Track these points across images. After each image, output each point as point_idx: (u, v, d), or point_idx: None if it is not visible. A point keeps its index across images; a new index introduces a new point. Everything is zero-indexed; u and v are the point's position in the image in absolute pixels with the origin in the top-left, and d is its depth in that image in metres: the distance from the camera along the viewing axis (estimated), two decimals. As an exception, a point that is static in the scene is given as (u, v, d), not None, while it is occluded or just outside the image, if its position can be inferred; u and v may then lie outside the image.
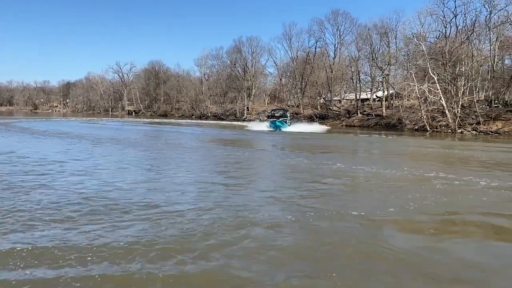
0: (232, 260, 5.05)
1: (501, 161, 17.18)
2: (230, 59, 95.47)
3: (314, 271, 4.85)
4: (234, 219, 6.76)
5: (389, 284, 4.58)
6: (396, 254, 5.42)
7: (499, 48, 48.37)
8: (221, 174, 12.05)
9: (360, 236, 6.14)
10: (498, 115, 41.49)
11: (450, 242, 6.03)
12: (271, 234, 6.10)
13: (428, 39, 51.83)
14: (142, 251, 5.23)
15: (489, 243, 6.14)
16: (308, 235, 6.15)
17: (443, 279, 4.73)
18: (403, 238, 6.21)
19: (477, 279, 4.79)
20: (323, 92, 73.05)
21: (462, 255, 5.53)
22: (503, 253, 5.70)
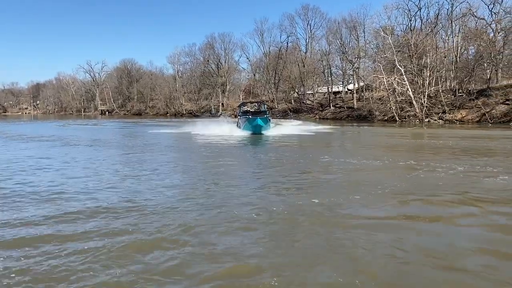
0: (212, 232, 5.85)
1: (467, 147, 18.58)
2: (203, 55, 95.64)
3: (282, 240, 5.72)
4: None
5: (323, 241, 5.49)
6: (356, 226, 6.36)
7: (462, 39, 50.53)
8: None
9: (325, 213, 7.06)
10: (462, 103, 43.52)
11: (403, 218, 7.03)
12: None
13: (395, 32, 53.67)
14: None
15: (443, 220, 7.16)
16: (278, 218, 7.03)
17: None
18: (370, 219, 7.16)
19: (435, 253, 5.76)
20: (297, 86, 74.31)
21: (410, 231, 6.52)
22: (465, 232, 6.71)
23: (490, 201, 7.90)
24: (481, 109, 41.04)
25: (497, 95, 41.40)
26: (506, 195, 8.44)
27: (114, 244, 5.62)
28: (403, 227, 6.49)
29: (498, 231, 6.29)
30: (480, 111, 41.10)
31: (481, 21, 49.65)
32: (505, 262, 5.07)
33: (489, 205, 7.66)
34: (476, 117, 41.15)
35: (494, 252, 5.38)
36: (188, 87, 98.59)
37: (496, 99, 41.04)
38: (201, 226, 6.43)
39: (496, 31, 47.49)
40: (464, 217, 7.08)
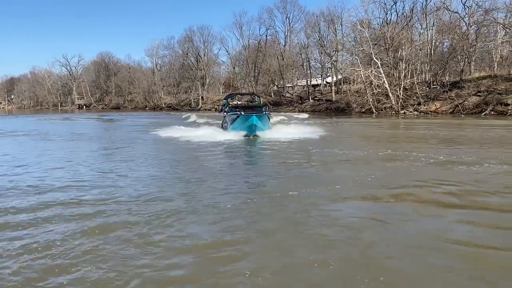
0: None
1: (444, 137, 19.32)
2: (182, 48, 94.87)
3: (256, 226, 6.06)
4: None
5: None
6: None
7: (436, 32, 51.72)
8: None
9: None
10: (436, 95, 44.72)
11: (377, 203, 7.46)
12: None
13: (372, 26, 54.49)
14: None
15: (418, 207, 7.62)
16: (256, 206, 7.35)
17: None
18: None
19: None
20: (276, 80, 74.67)
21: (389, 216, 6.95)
22: (442, 214, 7.16)
23: (476, 192, 8.30)
24: (454, 101, 42.28)
25: (470, 87, 42.67)
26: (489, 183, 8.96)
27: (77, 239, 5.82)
28: (381, 216, 6.90)
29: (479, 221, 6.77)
30: (453, 103, 42.32)
31: (455, 14, 50.86)
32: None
33: (476, 195, 8.10)
34: (450, 109, 42.37)
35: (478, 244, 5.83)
36: (167, 80, 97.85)
37: (469, 91, 42.30)
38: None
39: (469, 25, 48.78)
40: (441, 206, 7.56)
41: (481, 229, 5.91)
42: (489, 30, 48.27)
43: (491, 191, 7.99)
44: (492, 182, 8.74)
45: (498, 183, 8.63)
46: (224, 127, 22.51)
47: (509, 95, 38.37)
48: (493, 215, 6.57)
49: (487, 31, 48.55)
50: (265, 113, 20.09)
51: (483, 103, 39.77)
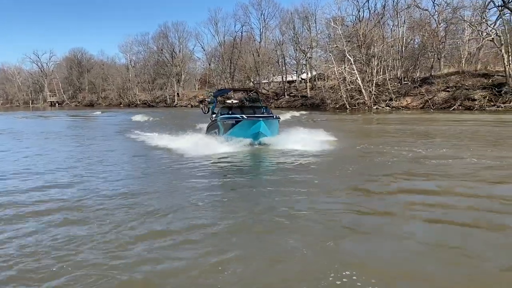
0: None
1: (419, 132, 20.09)
2: (157, 44, 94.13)
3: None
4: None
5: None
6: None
7: (408, 29, 53.09)
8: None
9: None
10: (407, 91, 45.99)
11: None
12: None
13: (345, 23, 55.39)
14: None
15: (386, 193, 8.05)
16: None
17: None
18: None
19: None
20: (252, 76, 75.03)
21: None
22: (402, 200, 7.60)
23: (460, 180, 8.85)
24: (424, 96, 43.57)
25: (439, 83, 44.05)
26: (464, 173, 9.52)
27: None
28: (357, 208, 7.29)
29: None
30: (423, 98, 43.61)
31: (425, 12, 52.35)
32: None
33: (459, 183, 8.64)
34: (420, 104, 43.66)
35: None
36: (141, 77, 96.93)
37: (438, 87, 43.66)
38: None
39: (438, 22, 50.25)
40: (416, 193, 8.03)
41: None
42: (457, 27, 49.88)
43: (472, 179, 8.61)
44: (473, 174, 9.39)
45: (473, 174, 9.31)
46: (213, 133, 16.43)
47: (475, 90, 39.81)
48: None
49: (456, 29, 50.18)
50: (275, 116, 15.00)
51: (451, 98, 41.14)
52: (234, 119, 14.62)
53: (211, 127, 17.26)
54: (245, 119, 14.04)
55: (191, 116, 42.20)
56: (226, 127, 15.09)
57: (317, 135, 16.11)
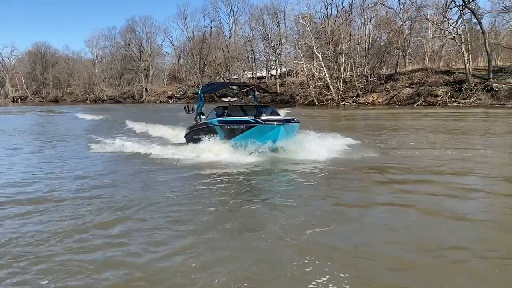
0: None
1: (387, 126, 20.74)
2: (124, 39, 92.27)
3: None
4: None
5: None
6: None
7: (374, 27, 54.31)
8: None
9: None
10: (374, 87, 47.16)
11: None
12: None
13: (313, 20, 56.08)
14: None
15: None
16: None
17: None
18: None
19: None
20: (222, 72, 74.82)
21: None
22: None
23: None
24: (389, 93, 44.84)
25: (404, 80, 45.41)
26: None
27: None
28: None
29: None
30: (389, 94, 44.87)
31: (391, 10, 53.76)
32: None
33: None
34: (386, 100, 44.87)
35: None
36: (108, 72, 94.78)
37: (403, 83, 45.00)
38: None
39: (403, 20, 51.70)
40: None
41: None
42: (421, 26, 51.46)
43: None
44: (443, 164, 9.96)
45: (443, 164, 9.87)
46: (203, 139, 13.19)
47: (438, 87, 41.33)
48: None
49: (420, 27, 51.75)
50: (295, 120, 12.01)
51: (415, 95, 42.53)
52: (245, 124, 11.81)
53: (200, 131, 13.95)
54: (261, 123, 11.38)
55: (161, 112, 41.87)
56: (231, 132, 12.34)
57: (329, 138, 13.40)
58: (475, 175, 9.10)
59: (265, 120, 11.69)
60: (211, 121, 13.28)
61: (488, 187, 7.93)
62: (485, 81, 39.25)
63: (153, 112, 43.57)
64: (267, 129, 11.31)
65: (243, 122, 11.98)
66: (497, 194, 7.52)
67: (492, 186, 8.08)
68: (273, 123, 11.36)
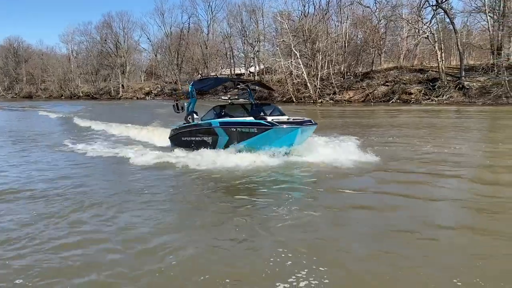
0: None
1: (365, 124, 21.13)
2: (100, 35, 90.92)
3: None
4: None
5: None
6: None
7: (351, 25, 55.03)
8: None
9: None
10: (350, 85, 47.87)
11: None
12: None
13: (291, 18, 56.47)
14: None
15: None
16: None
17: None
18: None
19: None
20: (200, 68, 74.52)
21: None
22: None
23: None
24: (365, 90, 45.63)
25: (379, 77, 46.28)
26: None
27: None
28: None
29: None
30: (365, 92, 45.65)
31: (367, 9, 54.58)
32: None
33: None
34: (362, 97, 45.63)
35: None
36: (84, 68, 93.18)
37: (378, 81, 45.86)
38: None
39: (379, 19, 52.59)
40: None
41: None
42: (397, 25, 52.47)
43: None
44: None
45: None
46: (198, 142, 12.37)
47: (412, 85, 42.27)
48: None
49: (395, 26, 52.77)
50: (313, 122, 10.82)
51: (390, 92, 43.41)
52: (256, 126, 10.61)
53: (194, 133, 12.65)
54: (277, 126, 10.18)
55: (139, 109, 41.48)
56: (239, 135, 11.09)
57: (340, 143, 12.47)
58: (450, 166, 9.84)
59: (283, 122, 10.41)
60: (211, 121, 11.88)
61: (461, 176, 8.87)
62: (457, 80, 40.32)
63: (129, 109, 43.12)
64: (283, 132, 10.25)
65: (254, 124, 10.70)
66: (470, 180, 8.54)
67: (464, 175, 9.00)
68: (291, 125, 10.27)
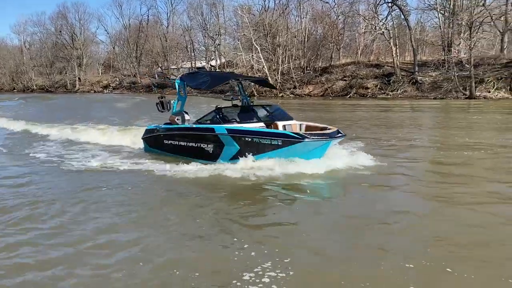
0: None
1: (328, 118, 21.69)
2: (55, 26, 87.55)
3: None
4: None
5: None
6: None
7: (310, 20, 55.89)
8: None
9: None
10: (310, 80, 48.84)
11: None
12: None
13: (252, 12, 56.68)
14: None
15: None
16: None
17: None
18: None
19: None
20: (160, 61, 73.39)
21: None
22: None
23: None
24: (324, 85, 46.67)
25: (337, 72, 47.49)
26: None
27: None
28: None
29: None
30: (324, 86, 46.72)
31: (326, 4, 55.58)
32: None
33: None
34: (321, 92, 46.67)
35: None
36: (38, 60, 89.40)
37: (336, 76, 47.06)
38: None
39: (338, 15, 53.72)
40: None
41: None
42: (354, 20, 53.80)
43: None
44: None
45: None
46: (182, 148, 11.07)
47: (368, 80, 43.70)
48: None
49: (353, 22, 54.07)
50: (342, 133, 9.62)
51: (348, 87, 44.67)
52: (281, 138, 9.17)
53: (187, 138, 10.93)
54: (308, 139, 8.94)
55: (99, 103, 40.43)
56: (253, 146, 9.47)
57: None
58: (406, 158, 10.62)
59: (314, 134, 9.26)
60: (214, 127, 10.06)
61: (416, 167, 9.64)
62: (411, 75, 42.03)
63: (87, 104, 42.01)
64: (314, 145, 9.18)
65: (278, 135, 9.30)
66: (424, 170, 9.51)
67: (419, 166, 9.83)
68: (321, 137, 9.18)
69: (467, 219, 6.11)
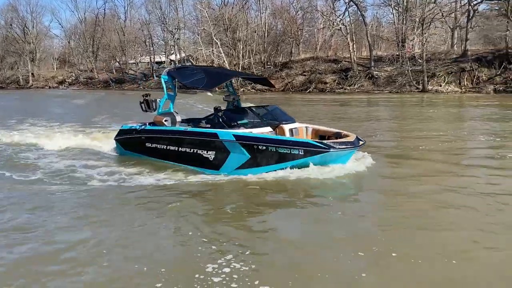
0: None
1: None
2: (5, 18, 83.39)
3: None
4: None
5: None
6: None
7: (270, 16, 56.31)
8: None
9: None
10: (270, 75, 49.09)
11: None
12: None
13: (211, 6, 56.42)
14: None
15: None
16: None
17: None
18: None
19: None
20: (118, 56, 71.65)
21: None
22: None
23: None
24: (285, 80, 47.30)
25: (297, 67, 48.23)
26: None
27: None
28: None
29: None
30: (284, 81, 47.31)
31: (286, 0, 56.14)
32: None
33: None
34: (281, 86, 47.20)
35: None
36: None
37: (296, 71, 47.80)
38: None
39: (297, 10, 54.44)
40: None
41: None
42: (313, 16, 54.70)
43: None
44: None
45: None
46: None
47: (327, 75, 44.69)
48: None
49: (311, 17, 54.96)
50: (364, 141, 9.17)
51: (307, 82, 45.48)
52: (303, 147, 8.33)
53: (180, 142, 9.67)
54: (335, 149, 8.32)
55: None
56: (269, 156, 8.51)
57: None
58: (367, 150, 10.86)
59: (340, 143, 8.59)
60: (217, 132, 8.96)
61: (378, 159, 9.94)
62: (367, 70, 43.32)
63: (43, 100, 40.53)
64: (339, 154, 8.60)
65: (299, 144, 8.42)
66: (384, 162, 10.00)
67: (379, 158, 10.16)
68: (345, 146, 8.57)
69: (411, 207, 6.59)
